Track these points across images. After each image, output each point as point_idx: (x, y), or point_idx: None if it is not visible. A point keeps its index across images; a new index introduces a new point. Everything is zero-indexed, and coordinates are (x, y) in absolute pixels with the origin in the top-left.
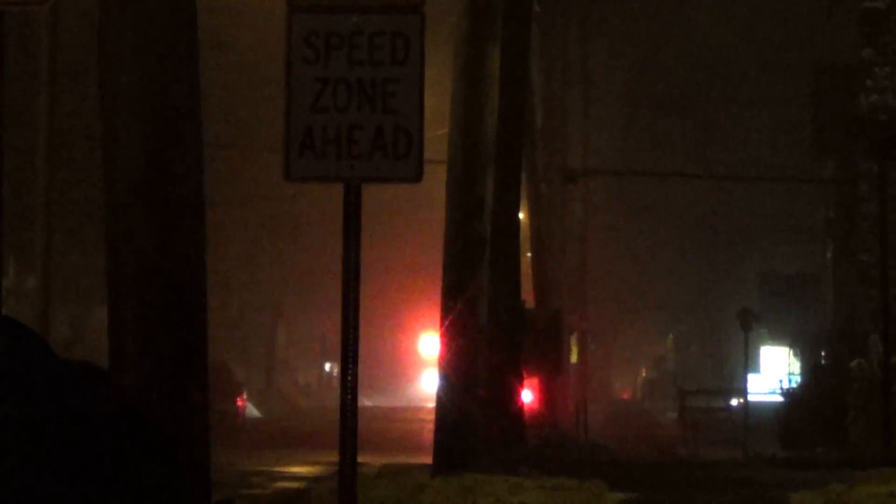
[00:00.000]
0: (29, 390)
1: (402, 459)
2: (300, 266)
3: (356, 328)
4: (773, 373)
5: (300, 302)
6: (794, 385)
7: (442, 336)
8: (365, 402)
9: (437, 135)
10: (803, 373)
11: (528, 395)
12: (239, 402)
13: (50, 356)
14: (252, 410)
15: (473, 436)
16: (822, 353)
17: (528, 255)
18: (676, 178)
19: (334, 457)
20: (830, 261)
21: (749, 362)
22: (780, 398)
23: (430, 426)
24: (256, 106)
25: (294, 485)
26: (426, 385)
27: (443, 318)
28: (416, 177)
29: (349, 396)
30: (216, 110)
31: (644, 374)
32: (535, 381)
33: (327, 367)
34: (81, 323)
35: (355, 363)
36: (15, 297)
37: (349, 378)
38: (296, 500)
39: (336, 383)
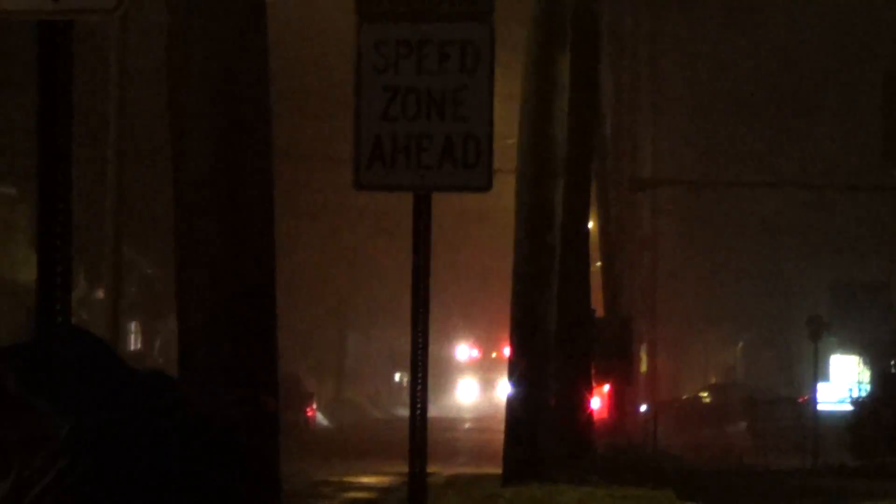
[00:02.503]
0: (100, 400)
1: (459, 470)
2: (370, 276)
3: (426, 338)
4: (843, 381)
5: (370, 312)
6: (863, 394)
7: (512, 345)
8: (401, 411)
9: (507, 143)
10: (873, 381)
11: (597, 404)
12: (309, 412)
13: (120, 365)
14: (322, 420)
15: (543, 445)
16: (892, 363)
17: (598, 263)
18: (746, 186)
19: (404, 467)
20: None
21: (819, 371)
22: (849, 407)
23: (480, 435)
24: (326, 117)
25: (363, 495)
26: (462, 394)
27: (512, 325)
28: (486, 185)
29: (419, 407)
30: (286, 120)
31: (714, 383)
32: (604, 389)
33: (396, 377)
34: (151, 334)
35: (425, 373)
36: (86, 308)
37: (418, 388)
38: None
39: (405, 393)
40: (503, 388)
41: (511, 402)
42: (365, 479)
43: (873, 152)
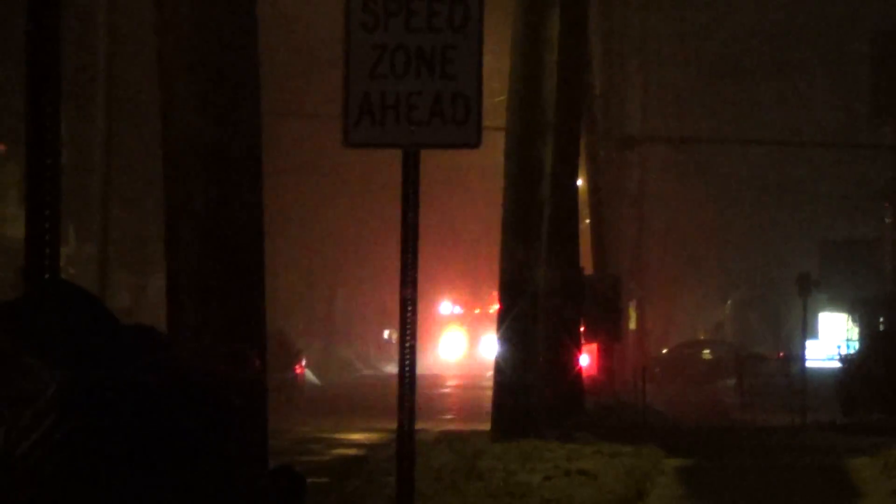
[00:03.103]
0: (89, 356)
1: (445, 427)
2: (359, 234)
3: (414, 295)
4: (832, 339)
5: (359, 269)
6: (852, 351)
7: (500, 301)
8: (391, 368)
9: (496, 101)
10: (861, 339)
11: (586, 361)
12: (298, 370)
13: (109, 321)
14: (311, 377)
15: (532, 402)
16: (881, 319)
17: (587, 221)
18: (734, 143)
19: (393, 424)
20: (890, 225)
21: (807, 328)
22: (838, 364)
23: (464, 392)
24: (315, 73)
25: (352, 452)
26: (445, 351)
27: (501, 282)
28: (475, 142)
29: (407, 364)
30: (274, 77)
31: (701, 339)
32: (593, 347)
33: (385, 334)
34: (140, 291)
35: (413, 331)
36: (75, 265)
37: (407, 345)
38: (354, 467)
39: (394, 350)
40: (486, 345)
41: (499, 359)
42: (354, 436)
43: (862, 110)
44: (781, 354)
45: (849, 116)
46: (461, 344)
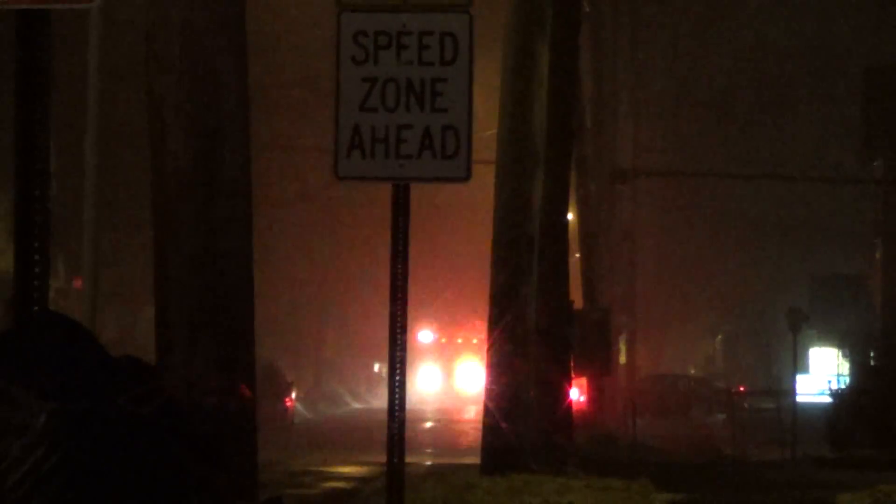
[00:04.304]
0: (77, 387)
1: (428, 461)
2: (348, 268)
3: (404, 329)
4: (822, 373)
5: (350, 303)
6: (842, 386)
7: (490, 336)
8: (355, 404)
9: (486, 135)
10: (852, 373)
11: (576, 395)
12: (287, 402)
13: (99, 352)
14: (301, 410)
15: (522, 436)
16: (871, 354)
17: (577, 255)
18: (726, 178)
19: (383, 457)
20: (879, 262)
21: (798, 363)
22: (828, 399)
23: (444, 427)
24: (305, 107)
25: (342, 485)
26: (421, 382)
27: (490, 316)
28: (465, 176)
29: (397, 398)
30: (263, 111)
31: (693, 374)
32: (583, 381)
33: (376, 367)
34: (129, 324)
35: (403, 365)
36: (64, 297)
37: (397, 379)
38: (344, 500)
39: (383, 384)
40: (463, 376)
41: (489, 393)
42: (344, 469)
43: (853, 145)
44: (742, 389)
45: (841, 152)
46: (438, 376)
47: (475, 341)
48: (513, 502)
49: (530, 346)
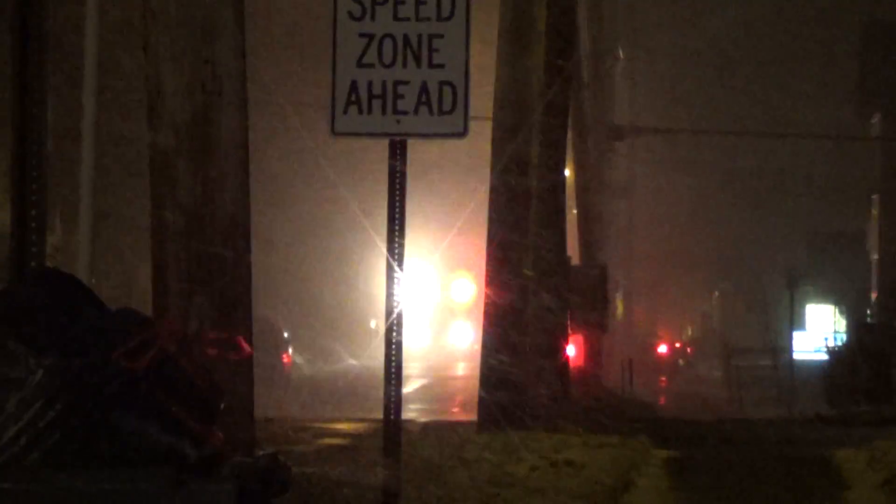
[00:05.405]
0: (74, 342)
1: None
2: (345, 223)
3: (400, 286)
4: (819, 330)
5: (347, 257)
6: (839, 343)
7: (486, 292)
8: (352, 361)
9: (484, 91)
10: (848, 330)
11: (573, 352)
12: (285, 358)
13: (96, 307)
14: (298, 366)
15: (518, 392)
16: (868, 311)
17: (574, 211)
18: (723, 135)
19: (379, 414)
20: (877, 218)
21: (794, 320)
22: (825, 356)
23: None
24: (303, 62)
25: (339, 441)
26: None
27: (488, 273)
28: (462, 132)
29: (393, 354)
30: (261, 66)
31: (690, 333)
32: (580, 337)
33: (372, 323)
34: (127, 280)
35: (400, 321)
36: (63, 254)
37: (393, 335)
38: (340, 456)
39: (380, 340)
40: (456, 332)
41: (485, 349)
42: (341, 426)
43: (850, 101)
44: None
45: (838, 108)
46: (427, 331)
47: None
48: (510, 458)
49: (528, 302)
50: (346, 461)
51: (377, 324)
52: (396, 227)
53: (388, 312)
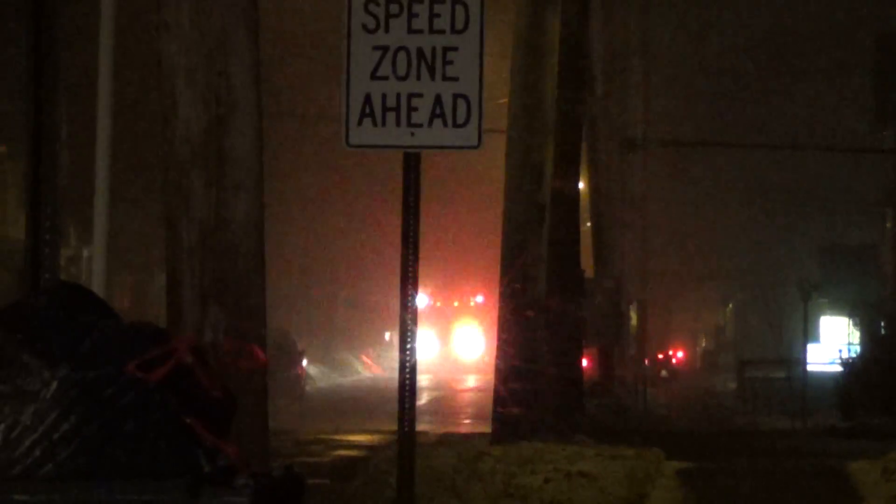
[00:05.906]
0: (88, 355)
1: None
2: (360, 234)
3: (415, 297)
4: (833, 343)
5: (361, 270)
6: (853, 355)
7: (500, 304)
8: (366, 373)
9: (498, 104)
10: (863, 343)
11: (587, 364)
12: (299, 370)
13: (111, 319)
14: (312, 378)
15: (532, 405)
16: (882, 323)
17: (588, 224)
18: (736, 147)
19: (393, 426)
20: (890, 230)
21: (809, 332)
22: (839, 368)
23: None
24: (316, 75)
25: (353, 453)
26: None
27: (502, 285)
28: (476, 144)
29: (408, 366)
30: (276, 80)
31: (703, 345)
32: (594, 350)
33: (386, 336)
34: (142, 292)
35: (414, 334)
36: (76, 265)
37: (408, 348)
38: (354, 468)
39: (394, 352)
40: (461, 342)
41: (500, 362)
42: (355, 438)
43: (864, 113)
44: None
45: (852, 121)
46: (434, 343)
47: (472, 304)
48: (523, 470)
49: (541, 315)
50: (360, 473)
51: (390, 336)
52: (410, 236)
53: (403, 324)
